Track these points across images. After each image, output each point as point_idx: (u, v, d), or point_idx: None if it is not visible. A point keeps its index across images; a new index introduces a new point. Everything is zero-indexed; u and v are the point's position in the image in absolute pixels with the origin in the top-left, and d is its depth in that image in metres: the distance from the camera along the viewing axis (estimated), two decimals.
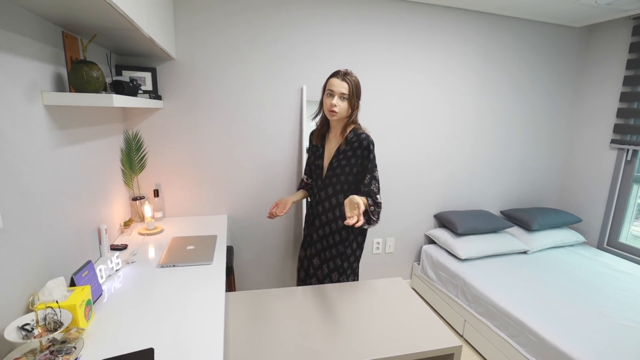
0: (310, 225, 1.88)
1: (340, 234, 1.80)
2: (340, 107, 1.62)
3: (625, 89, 2.82)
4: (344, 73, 1.63)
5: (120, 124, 2.06)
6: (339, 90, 1.61)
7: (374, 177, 1.68)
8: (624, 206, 2.88)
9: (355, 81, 1.64)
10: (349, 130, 1.72)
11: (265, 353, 1.18)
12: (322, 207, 1.80)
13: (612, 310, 2.01)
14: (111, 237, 1.85)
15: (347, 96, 1.61)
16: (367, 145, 1.66)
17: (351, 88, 1.61)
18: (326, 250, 1.82)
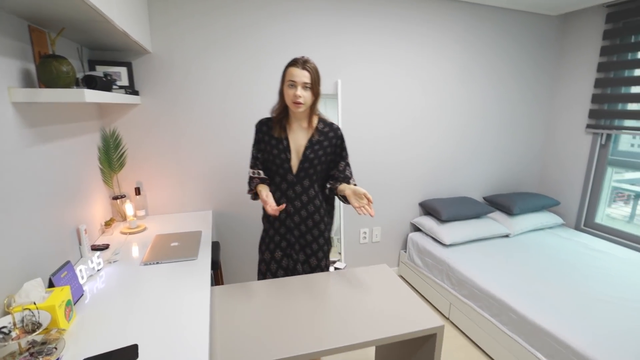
0: (282, 226, 1.76)
1: (319, 226, 1.78)
2: (305, 97, 1.56)
3: (599, 75, 2.89)
4: (303, 61, 1.54)
5: (96, 121, 2.01)
6: (301, 80, 1.53)
7: (347, 163, 1.76)
8: (599, 188, 2.97)
9: (316, 68, 1.57)
10: (316, 120, 1.69)
11: (251, 344, 1.18)
12: (299, 201, 1.71)
13: (587, 286, 2.08)
14: (92, 237, 1.82)
15: (310, 85, 1.55)
16: (341, 135, 1.74)
17: (313, 76, 1.55)
18: (311, 244, 1.78)
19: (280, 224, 1.75)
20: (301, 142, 1.68)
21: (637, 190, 2.80)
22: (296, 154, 1.68)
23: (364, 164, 2.79)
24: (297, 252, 1.77)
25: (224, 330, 1.26)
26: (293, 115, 1.67)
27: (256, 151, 1.75)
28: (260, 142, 1.73)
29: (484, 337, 2.17)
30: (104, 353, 1.01)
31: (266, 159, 1.73)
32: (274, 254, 1.79)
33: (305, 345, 1.19)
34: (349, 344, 1.20)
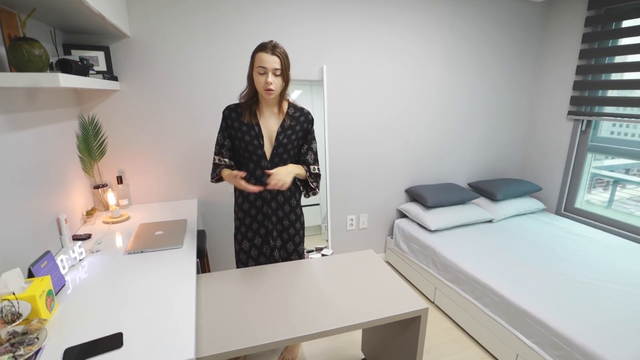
0: (259, 213, 1.74)
1: (295, 211, 1.79)
2: (276, 84, 1.53)
3: (580, 62, 2.93)
4: (272, 46, 1.49)
5: (73, 107, 1.94)
6: (271, 67, 1.49)
7: (310, 148, 1.74)
8: (579, 174, 3.04)
9: (285, 53, 1.53)
10: (286, 105, 1.68)
11: (238, 330, 1.19)
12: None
13: (567, 268, 2.15)
14: (73, 227, 1.78)
15: (280, 71, 1.52)
16: (312, 119, 1.73)
17: (283, 62, 1.51)
18: (288, 229, 1.80)
19: (257, 212, 1.74)
20: (273, 128, 1.66)
21: (616, 176, 2.88)
22: (269, 139, 1.66)
23: (350, 151, 2.79)
24: (274, 239, 1.77)
25: (211, 316, 1.26)
26: (263, 101, 1.63)
27: (222, 138, 1.70)
28: (229, 129, 1.68)
29: (468, 320, 2.22)
30: (87, 342, 0.99)
31: (237, 146, 1.69)
32: (253, 241, 1.79)
33: (293, 329, 1.20)
34: (336, 327, 1.22)
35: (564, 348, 1.63)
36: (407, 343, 1.49)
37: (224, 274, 1.57)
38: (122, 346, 0.99)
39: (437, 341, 2.20)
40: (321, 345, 2.17)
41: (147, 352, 0.97)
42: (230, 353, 1.10)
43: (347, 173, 2.83)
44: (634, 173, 2.76)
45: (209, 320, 1.24)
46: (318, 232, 2.89)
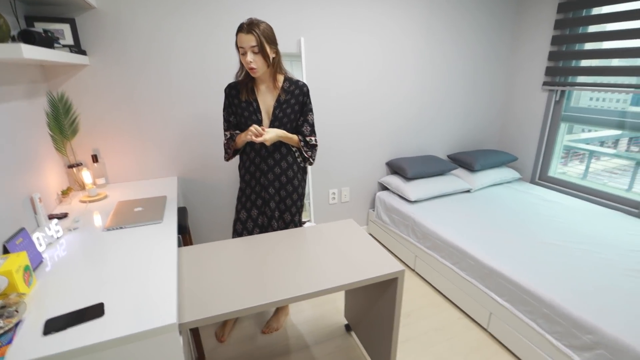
0: (257, 184, 1.85)
1: (292, 182, 1.85)
2: (257, 61, 1.57)
3: (555, 32, 2.97)
4: (248, 24, 1.52)
5: (41, 84, 1.87)
6: (248, 45, 1.53)
7: (306, 120, 1.80)
8: (553, 143, 3.13)
9: (264, 29, 1.54)
10: (281, 79, 1.73)
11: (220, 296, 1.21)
12: (272, 160, 1.80)
13: (539, 233, 2.25)
14: (49, 207, 1.75)
15: (258, 48, 1.54)
16: (307, 92, 1.78)
17: (259, 39, 1.52)
18: (285, 200, 1.87)
19: (256, 182, 1.85)
20: (270, 103, 1.74)
21: (591, 149, 2.97)
22: (267, 114, 1.76)
23: (330, 125, 2.79)
24: (272, 210, 1.87)
25: (193, 285, 1.28)
26: (258, 78, 1.71)
27: (227, 115, 1.82)
28: (231, 106, 1.79)
29: (446, 284, 2.32)
30: (68, 312, 1.00)
31: (238, 122, 1.80)
32: (250, 212, 1.89)
33: (275, 293, 1.23)
34: (317, 290, 1.25)
35: (532, 304, 1.73)
36: (386, 306, 1.55)
37: (206, 245, 1.58)
38: (104, 315, 1.00)
39: (416, 305, 2.29)
40: (306, 314, 2.23)
41: (129, 319, 0.98)
42: (213, 318, 1.13)
43: (328, 147, 2.84)
44: (608, 145, 2.85)
45: (191, 289, 1.26)
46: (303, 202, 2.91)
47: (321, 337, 2.04)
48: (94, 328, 0.95)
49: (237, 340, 2.02)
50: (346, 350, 1.94)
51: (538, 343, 1.72)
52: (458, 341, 1.99)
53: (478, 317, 2.08)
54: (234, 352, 1.94)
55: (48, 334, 0.93)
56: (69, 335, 0.92)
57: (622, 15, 2.50)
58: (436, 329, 2.09)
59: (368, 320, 1.76)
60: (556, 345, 1.62)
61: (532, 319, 1.74)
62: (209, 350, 1.96)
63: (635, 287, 1.69)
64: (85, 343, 0.90)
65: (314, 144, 1.82)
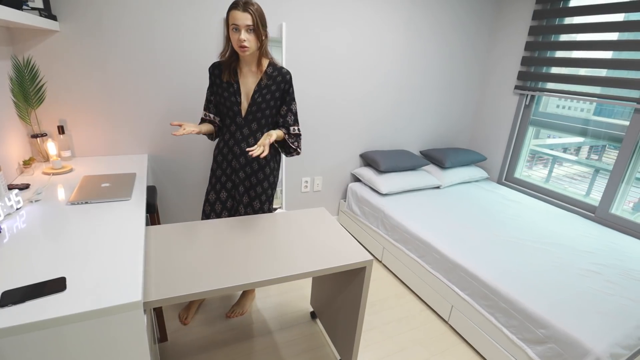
0: (228, 166, 1.84)
1: (264, 170, 1.84)
2: (250, 40, 1.56)
3: (529, 39, 3.08)
4: (244, 2, 1.51)
5: (5, 47, 1.76)
6: (244, 23, 1.51)
7: (290, 109, 1.79)
8: (520, 146, 3.27)
9: (259, 10, 1.55)
10: (266, 63, 1.71)
11: (187, 277, 1.20)
12: (246, 144, 1.78)
13: (501, 230, 2.36)
14: (9, 176, 1.66)
15: (253, 27, 1.53)
16: (290, 80, 1.75)
17: (255, 18, 1.52)
18: (256, 187, 1.85)
19: (227, 165, 1.83)
20: (251, 87, 1.72)
21: (554, 154, 3.12)
22: (246, 97, 1.74)
23: (307, 114, 2.79)
24: (241, 195, 1.85)
25: (159, 264, 1.26)
26: (242, 59, 1.69)
27: (209, 94, 1.82)
28: (213, 86, 1.78)
29: (411, 276, 2.40)
30: (27, 285, 0.97)
31: (218, 102, 1.79)
32: (219, 194, 1.87)
33: (244, 276, 1.24)
34: (285, 275, 1.27)
35: (492, 298, 1.82)
36: (352, 294, 1.59)
37: (175, 226, 1.56)
38: (66, 289, 0.97)
39: (381, 296, 2.36)
40: (272, 300, 2.25)
41: (93, 295, 0.96)
42: (178, 298, 1.12)
43: (303, 136, 2.83)
44: (571, 152, 3.01)
45: (157, 268, 1.24)
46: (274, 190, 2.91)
47: (286, 323, 2.07)
48: (55, 302, 0.92)
49: (200, 324, 2.01)
50: (310, 337, 1.98)
51: (495, 336, 1.81)
52: (419, 332, 2.07)
53: (440, 310, 2.17)
54: (196, 335, 1.93)
55: (4, 306, 0.89)
56: (27, 308, 0.89)
57: (591, 27, 2.63)
58: (399, 320, 2.16)
59: (334, 309, 1.80)
60: (511, 339, 1.72)
61: (491, 313, 1.84)
62: (172, 332, 1.95)
63: (586, 285, 1.81)
64: (45, 317, 0.87)
65: (298, 133, 1.82)
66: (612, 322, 1.56)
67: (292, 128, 1.79)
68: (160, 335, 1.87)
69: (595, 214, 2.69)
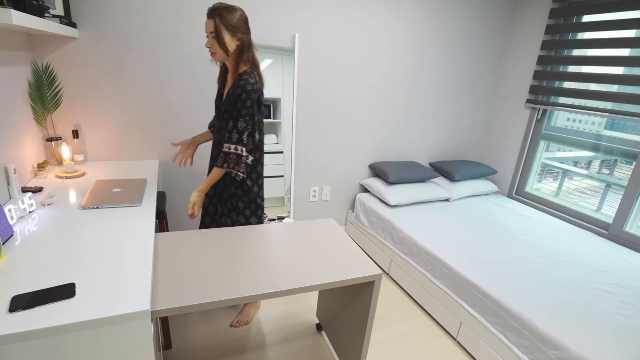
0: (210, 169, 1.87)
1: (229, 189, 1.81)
2: (214, 47, 1.55)
3: (542, 53, 3.06)
4: (211, 9, 1.50)
5: (25, 52, 1.80)
6: (208, 30, 1.53)
7: (235, 126, 1.62)
8: (532, 160, 3.23)
9: (227, 16, 1.50)
10: (240, 71, 1.65)
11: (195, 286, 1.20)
12: (217, 150, 1.76)
13: (512, 246, 2.32)
14: (23, 179, 1.69)
15: (215, 34, 1.52)
16: (240, 93, 1.59)
17: (217, 25, 1.50)
18: (224, 192, 1.82)
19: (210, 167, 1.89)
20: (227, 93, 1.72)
21: (565, 168, 3.08)
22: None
23: (317, 123, 2.80)
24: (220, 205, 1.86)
25: (168, 273, 1.26)
26: (227, 64, 1.70)
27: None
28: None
29: (419, 290, 2.36)
30: (37, 290, 0.97)
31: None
32: (207, 208, 1.90)
33: (249, 288, 1.23)
34: (293, 287, 1.26)
35: (502, 316, 1.78)
36: (360, 308, 1.57)
37: (185, 233, 1.56)
38: (75, 296, 0.97)
39: (388, 309, 2.33)
40: (277, 310, 2.23)
41: (101, 302, 0.96)
42: (186, 308, 1.12)
43: (312, 145, 2.84)
44: (581, 166, 2.96)
45: (165, 276, 1.24)
46: (281, 204, 2.91)
47: (291, 334, 2.05)
48: (64, 308, 0.92)
49: (205, 333, 2.00)
50: (315, 349, 1.95)
51: (505, 356, 1.77)
52: (427, 348, 2.03)
53: (448, 326, 2.13)
54: (200, 345, 1.92)
55: (14, 311, 0.89)
56: (36, 314, 0.89)
57: (603, 43, 2.62)
58: (406, 335, 2.12)
59: (340, 322, 1.77)
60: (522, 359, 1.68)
61: (501, 332, 1.80)
62: (177, 340, 1.94)
63: (600, 306, 1.76)
64: (53, 323, 0.87)
65: (238, 153, 1.63)
66: (627, 345, 1.51)
67: (225, 145, 1.64)
68: (164, 343, 1.86)
69: (608, 231, 2.64)
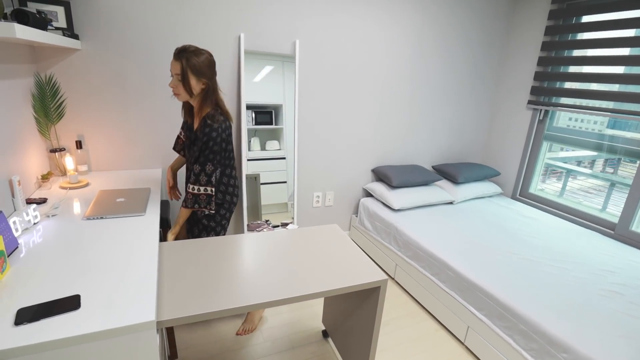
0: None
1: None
2: (178, 89, 1.55)
3: (542, 54, 3.06)
4: (179, 50, 1.49)
5: (29, 65, 1.82)
6: (174, 71, 1.52)
7: (203, 169, 1.65)
8: (535, 161, 3.22)
9: (193, 60, 1.50)
10: (204, 113, 1.64)
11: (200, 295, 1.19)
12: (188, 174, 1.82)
13: (518, 248, 2.30)
14: (27, 190, 1.69)
15: (181, 77, 1.51)
16: (207, 141, 1.61)
17: (183, 68, 1.49)
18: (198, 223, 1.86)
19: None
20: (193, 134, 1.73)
21: (569, 167, 3.07)
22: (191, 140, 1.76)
23: (319, 129, 2.80)
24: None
25: (173, 282, 1.26)
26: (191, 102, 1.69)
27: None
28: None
29: (424, 294, 2.35)
30: (42, 303, 0.97)
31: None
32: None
33: (258, 295, 1.22)
34: (298, 295, 1.25)
35: (510, 319, 1.77)
36: (366, 314, 1.56)
37: (189, 242, 1.56)
38: (80, 308, 0.97)
39: (394, 314, 2.31)
40: (283, 317, 2.22)
41: (106, 314, 0.96)
42: (191, 317, 1.11)
43: (314, 150, 2.84)
44: (585, 165, 2.95)
45: (170, 286, 1.24)
46: (284, 210, 2.91)
47: (297, 341, 2.03)
48: (69, 321, 0.92)
49: (210, 342, 1.99)
50: (322, 356, 1.94)
51: (514, 359, 1.75)
52: (435, 353, 2.01)
53: (455, 330, 2.11)
54: (206, 354, 1.91)
55: (20, 324, 0.89)
56: (41, 327, 0.89)
57: (603, 42, 2.62)
58: (413, 340, 2.10)
59: (346, 328, 1.76)
60: None
61: (509, 335, 1.78)
62: (183, 349, 1.93)
63: (609, 307, 1.74)
64: (59, 336, 0.87)
65: (209, 194, 1.69)
66: (638, 347, 1.49)
67: (193, 187, 1.67)
68: (170, 353, 1.85)
69: (614, 231, 2.62)
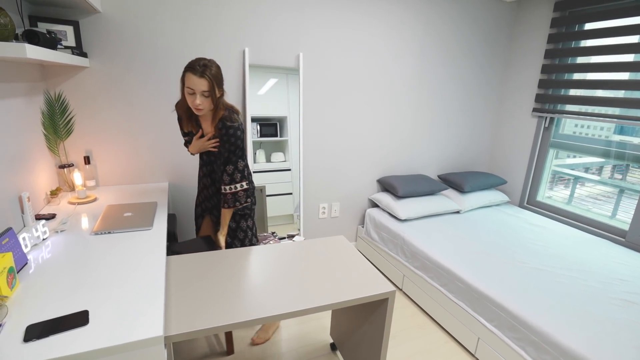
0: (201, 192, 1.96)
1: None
2: (204, 104, 1.55)
3: (545, 62, 3.07)
4: (202, 67, 1.49)
5: (39, 83, 1.86)
6: (200, 89, 1.51)
7: (236, 167, 1.73)
8: (542, 168, 3.20)
9: (215, 74, 1.54)
10: (219, 117, 1.66)
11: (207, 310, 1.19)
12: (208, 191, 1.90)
13: (527, 257, 2.27)
14: (36, 207, 1.72)
15: (209, 93, 1.53)
16: (228, 136, 1.66)
17: (211, 84, 1.51)
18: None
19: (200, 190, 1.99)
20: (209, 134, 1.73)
21: (576, 174, 3.05)
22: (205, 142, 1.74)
23: (323, 141, 2.81)
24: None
25: (180, 296, 1.26)
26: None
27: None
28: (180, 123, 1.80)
29: (433, 305, 2.32)
30: (51, 319, 0.97)
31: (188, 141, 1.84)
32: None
33: (266, 309, 1.22)
34: (306, 307, 1.24)
35: (521, 330, 1.74)
36: (374, 326, 1.54)
37: (196, 256, 1.56)
38: (88, 323, 0.97)
39: (403, 326, 2.28)
40: (291, 330, 2.20)
41: (115, 329, 0.96)
42: (199, 332, 1.11)
43: (320, 162, 2.85)
44: (593, 172, 2.92)
45: (177, 300, 1.24)
46: (290, 221, 2.91)
47: (306, 355, 2.01)
48: (78, 337, 0.92)
49: (218, 355, 1.98)
50: None
51: None
52: None
53: (466, 342, 2.08)
54: None
55: (29, 340, 0.90)
56: (50, 343, 0.90)
57: (606, 49, 2.62)
58: (422, 352, 2.07)
59: (355, 340, 1.74)
60: None
61: (521, 347, 1.74)
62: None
63: (622, 317, 1.70)
64: (68, 352, 0.87)
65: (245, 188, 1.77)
66: None
67: (230, 187, 1.74)
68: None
69: (625, 238, 2.58)
